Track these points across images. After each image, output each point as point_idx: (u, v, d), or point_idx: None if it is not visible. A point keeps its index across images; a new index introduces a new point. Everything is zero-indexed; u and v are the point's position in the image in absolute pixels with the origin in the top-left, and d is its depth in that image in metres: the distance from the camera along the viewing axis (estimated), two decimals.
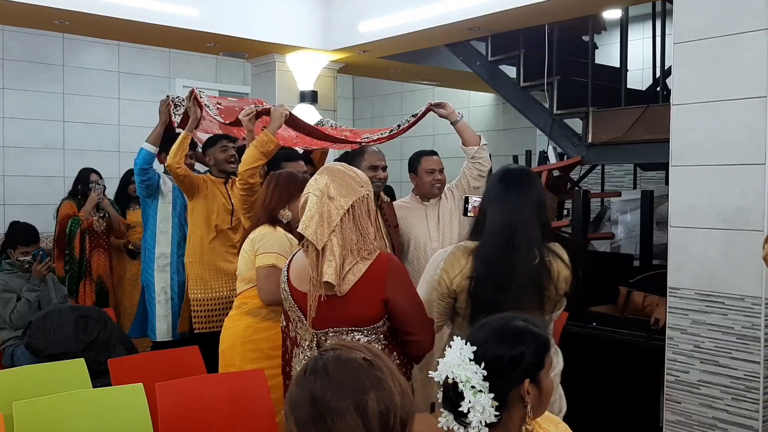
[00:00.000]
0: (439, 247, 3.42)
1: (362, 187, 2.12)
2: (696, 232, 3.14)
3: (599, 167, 5.91)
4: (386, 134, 3.61)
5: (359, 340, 2.09)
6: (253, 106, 3.42)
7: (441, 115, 3.55)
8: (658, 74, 5.28)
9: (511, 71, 5.38)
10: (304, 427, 1.14)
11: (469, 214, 2.77)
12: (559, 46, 4.95)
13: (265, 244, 2.78)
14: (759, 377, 2.97)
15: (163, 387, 2.54)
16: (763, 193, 2.92)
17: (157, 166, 4.15)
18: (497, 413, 1.54)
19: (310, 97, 5.85)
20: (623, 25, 4.98)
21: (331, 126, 3.99)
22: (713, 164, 3.08)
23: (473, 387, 1.53)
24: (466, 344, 1.57)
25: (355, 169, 2.22)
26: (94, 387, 2.78)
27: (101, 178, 5.06)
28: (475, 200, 2.69)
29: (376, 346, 2.09)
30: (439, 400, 1.60)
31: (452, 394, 1.55)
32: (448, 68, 6.36)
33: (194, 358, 3.14)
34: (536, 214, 2.27)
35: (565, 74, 4.97)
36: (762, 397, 2.98)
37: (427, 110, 3.55)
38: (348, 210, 2.07)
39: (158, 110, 4.01)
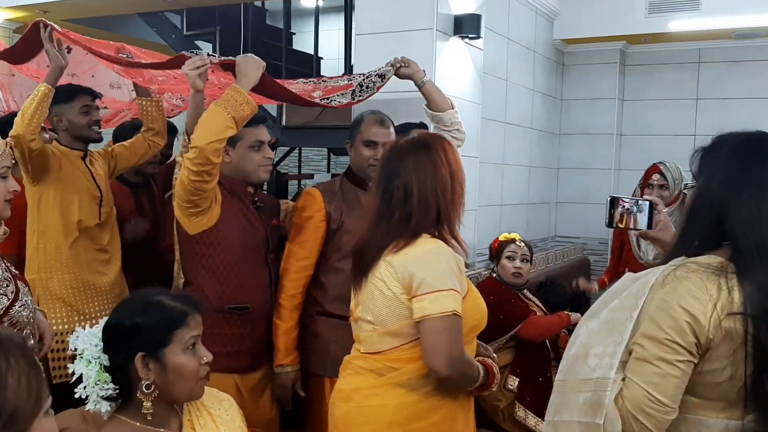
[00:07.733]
0: None
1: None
2: None
3: (297, 150, 6.08)
4: (351, 98, 2.86)
5: None
6: (204, 53, 2.44)
7: (403, 75, 2.86)
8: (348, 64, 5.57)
9: (207, 47, 5.25)
10: None
11: (619, 225, 1.77)
12: (256, 28, 4.95)
13: (431, 274, 1.76)
14: None
15: None
16: (475, 181, 3.31)
17: None
18: (116, 387, 1.47)
19: None
20: (316, 15, 5.16)
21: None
22: None
23: (86, 358, 1.47)
24: None
25: None
26: None
27: None
28: (643, 201, 1.76)
29: None
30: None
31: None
32: (143, 39, 6.01)
33: None
34: None
35: (261, 56, 4.98)
36: None
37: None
38: None
39: None
